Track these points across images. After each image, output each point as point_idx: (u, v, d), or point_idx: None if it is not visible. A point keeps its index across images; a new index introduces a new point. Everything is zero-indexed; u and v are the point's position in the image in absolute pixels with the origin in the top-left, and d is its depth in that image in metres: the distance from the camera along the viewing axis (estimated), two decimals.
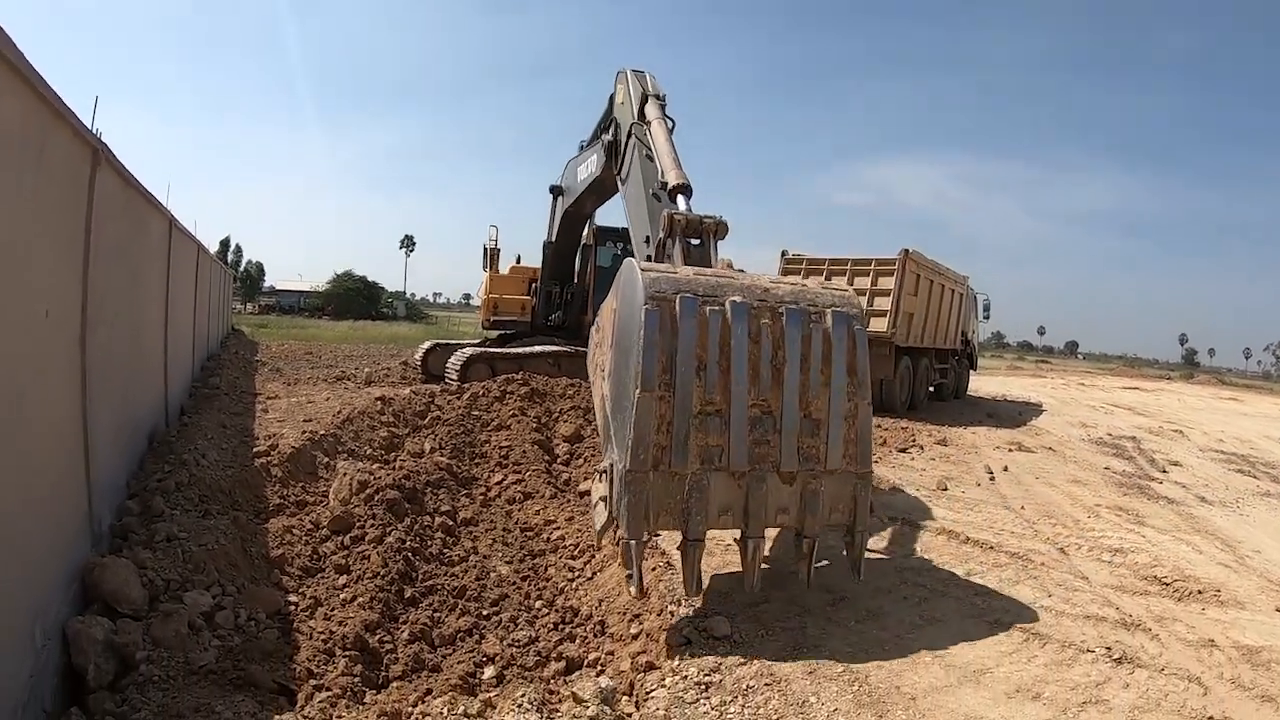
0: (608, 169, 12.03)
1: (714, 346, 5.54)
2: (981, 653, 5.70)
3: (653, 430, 5.38)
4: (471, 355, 18.20)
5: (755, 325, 5.68)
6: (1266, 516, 11.16)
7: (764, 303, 5.78)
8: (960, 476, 12.24)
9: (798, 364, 5.76)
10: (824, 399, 5.86)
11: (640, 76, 10.70)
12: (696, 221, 7.59)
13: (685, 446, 5.45)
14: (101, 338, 5.96)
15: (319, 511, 7.72)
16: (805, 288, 6.16)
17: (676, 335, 5.44)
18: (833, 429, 5.89)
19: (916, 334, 20.78)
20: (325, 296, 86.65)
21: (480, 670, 5.56)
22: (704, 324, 5.52)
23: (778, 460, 5.73)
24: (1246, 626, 6.58)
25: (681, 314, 5.47)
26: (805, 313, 5.84)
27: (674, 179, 8.47)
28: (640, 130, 9.76)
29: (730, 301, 5.64)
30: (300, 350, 29.39)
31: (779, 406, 5.74)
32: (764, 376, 5.68)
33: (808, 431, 5.83)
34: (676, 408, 5.43)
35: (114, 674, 4.35)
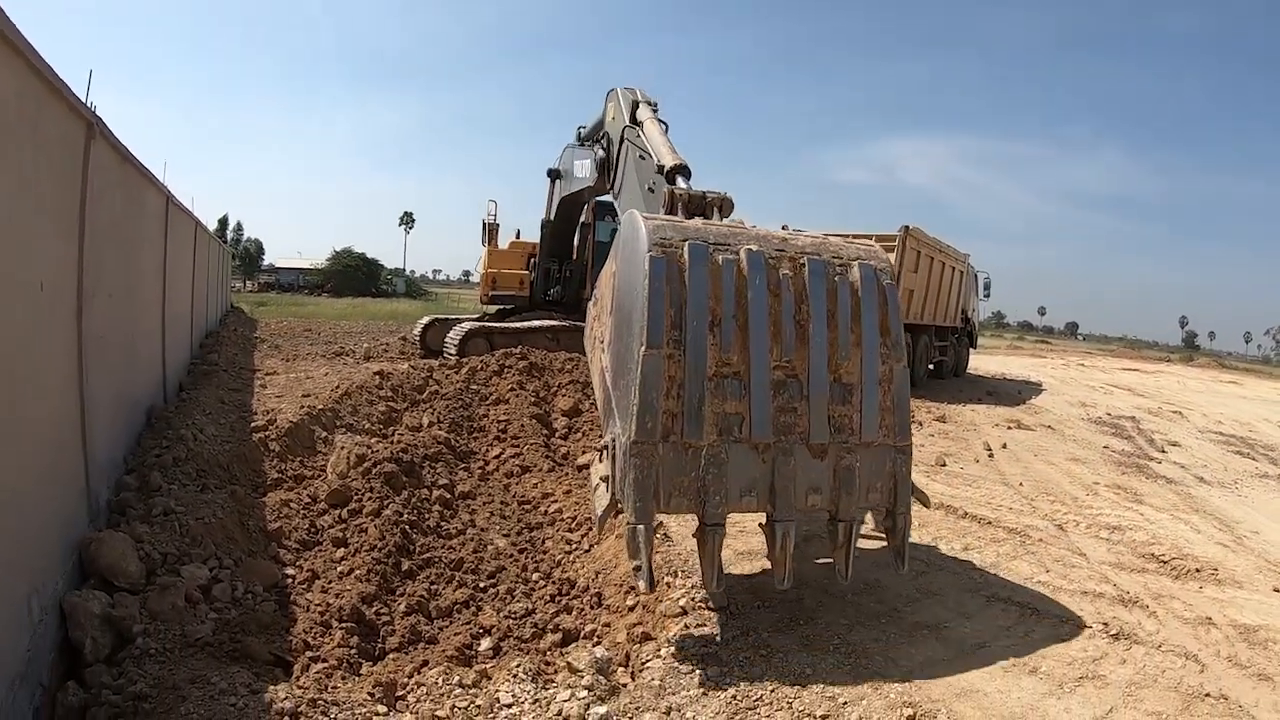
0: (600, 182, 12.14)
1: (729, 299, 4.95)
2: (978, 627, 5.74)
3: (661, 394, 4.77)
4: (470, 330, 18.20)
5: (775, 276, 5.09)
6: (1264, 498, 11.21)
7: (782, 253, 5.20)
8: (959, 453, 12.30)
9: (824, 320, 5.16)
10: (855, 360, 5.23)
11: (631, 90, 10.64)
12: (699, 197, 7.04)
13: (699, 414, 4.84)
14: (98, 312, 5.96)
15: (317, 485, 7.73)
16: (826, 239, 5.55)
17: (686, 286, 4.88)
18: (867, 394, 5.27)
19: (916, 311, 20.79)
20: (324, 274, 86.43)
21: (477, 642, 5.58)
22: (716, 273, 4.96)
23: (806, 431, 5.11)
24: (1244, 605, 6.62)
25: (691, 261, 4.91)
26: (829, 264, 5.25)
27: (671, 160, 8.32)
28: (633, 133, 9.75)
29: (745, 250, 5.09)
30: (299, 327, 29.37)
31: (805, 369, 5.12)
32: (787, 334, 5.08)
33: (838, 398, 5.21)
34: (689, 368, 4.82)
35: (111, 647, 4.36)
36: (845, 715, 4.42)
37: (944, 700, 4.65)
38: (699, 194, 7.06)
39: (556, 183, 16.53)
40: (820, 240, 5.54)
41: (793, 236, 5.53)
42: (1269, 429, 20.10)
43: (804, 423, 5.11)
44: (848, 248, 5.49)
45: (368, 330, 29.41)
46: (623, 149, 10.15)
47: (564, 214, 17.35)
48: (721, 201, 7.04)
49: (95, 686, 3.99)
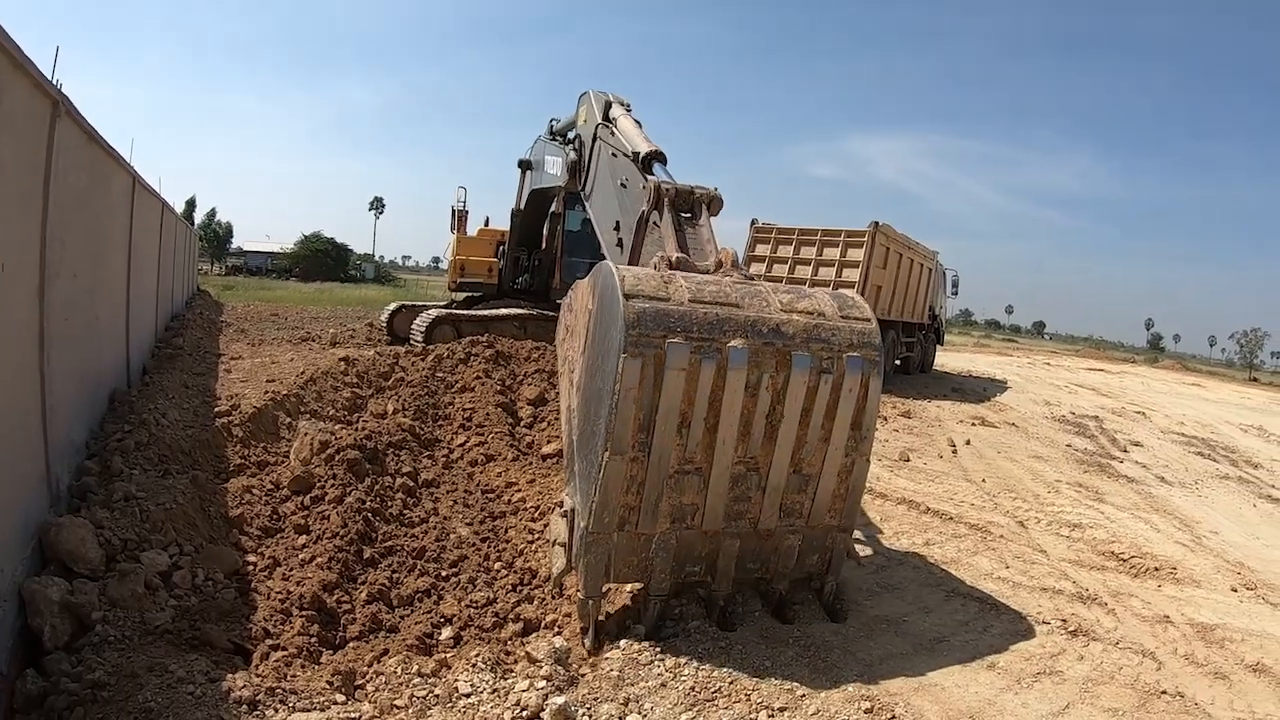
0: (571, 183, 12.00)
1: (702, 402, 4.83)
2: (938, 621, 5.80)
3: (621, 493, 4.80)
4: (437, 317, 18.11)
5: (755, 376, 4.91)
6: (1224, 499, 11.38)
7: (771, 345, 4.95)
8: (923, 448, 12.39)
9: (797, 419, 5.10)
10: (820, 454, 5.27)
11: (604, 93, 10.55)
12: (687, 192, 6.75)
13: (656, 509, 4.91)
14: (61, 292, 5.90)
15: (279, 471, 7.71)
16: (824, 318, 5.23)
17: (659, 388, 4.70)
18: (823, 484, 5.35)
19: (884, 307, 20.88)
20: (293, 258, 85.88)
21: (438, 631, 5.60)
22: (694, 376, 4.76)
23: (757, 518, 5.23)
24: (1201, 604, 6.74)
25: (670, 362, 4.66)
26: (818, 358, 5.06)
27: (645, 147, 7.98)
28: (605, 131, 9.60)
29: (731, 348, 4.81)
30: (266, 311, 29.13)
31: (768, 463, 5.13)
32: (755, 432, 5.03)
33: (795, 487, 5.28)
34: (651, 468, 4.80)
35: (70, 634, 4.34)
36: (803, 708, 4.46)
37: (902, 694, 4.71)
38: (686, 189, 6.79)
39: (527, 173, 16.45)
40: (817, 320, 5.22)
41: (789, 314, 5.16)
42: (1230, 431, 20.37)
43: (756, 510, 5.21)
44: (843, 330, 5.24)
45: (335, 316, 29.20)
46: (595, 147, 10.02)
47: (534, 204, 17.29)
48: (710, 199, 6.83)
49: (54, 674, 3.97)
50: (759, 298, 5.20)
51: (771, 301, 5.19)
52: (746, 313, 5.02)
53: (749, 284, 5.34)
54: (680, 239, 6.38)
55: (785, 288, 5.44)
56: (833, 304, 5.38)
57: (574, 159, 11.45)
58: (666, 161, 7.88)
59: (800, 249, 20.59)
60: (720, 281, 5.25)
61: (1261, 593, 7.21)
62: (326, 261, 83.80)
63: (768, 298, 5.22)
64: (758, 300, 5.17)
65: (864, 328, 5.32)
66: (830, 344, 5.14)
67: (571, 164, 11.61)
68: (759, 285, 5.38)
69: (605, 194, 9.01)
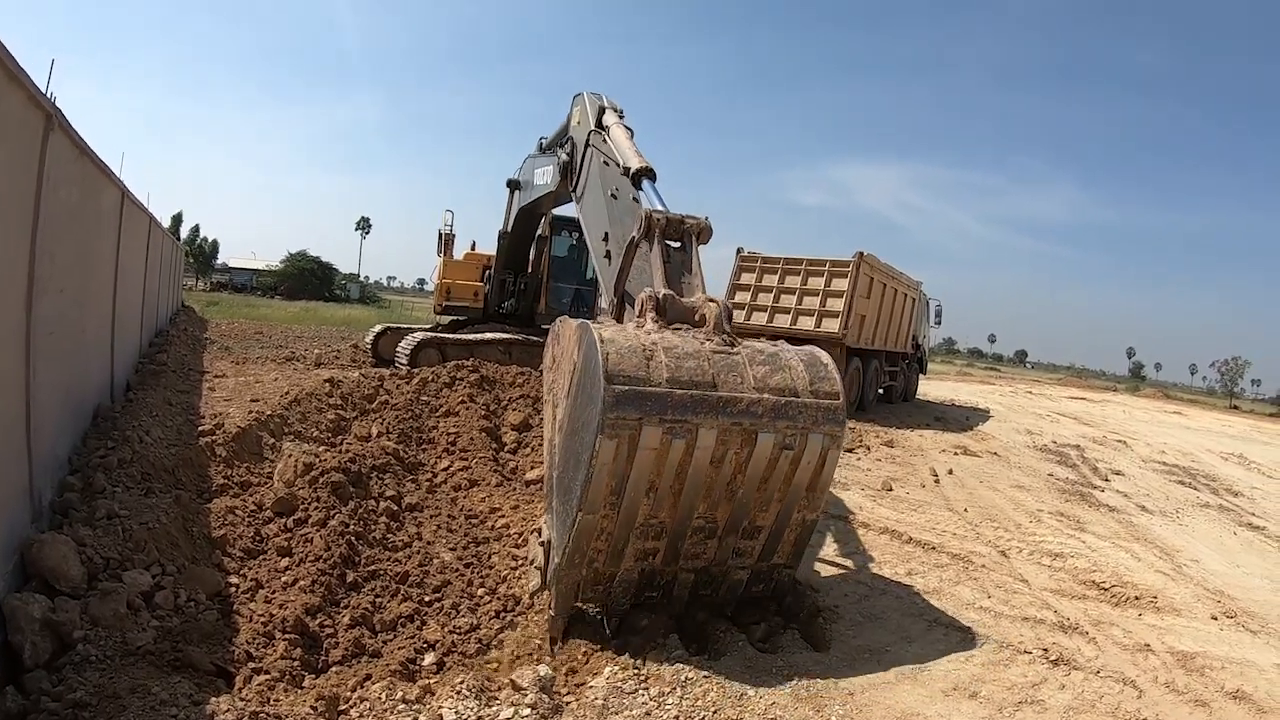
0: (562, 186, 11.97)
1: (670, 472, 5.14)
2: (920, 651, 5.80)
3: (591, 541, 5.19)
4: (422, 340, 18.07)
5: (722, 452, 5.21)
6: (1205, 527, 11.45)
7: (739, 424, 5.18)
8: (905, 478, 12.41)
9: (755, 486, 5.41)
10: (773, 511, 5.60)
11: (597, 95, 10.49)
12: (678, 221, 6.73)
13: (621, 553, 5.33)
14: (48, 306, 5.89)
15: (263, 493, 7.66)
16: (794, 395, 5.39)
17: (632, 462, 4.98)
18: (774, 535, 5.72)
19: (868, 336, 21.07)
20: (279, 276, 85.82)
21: (421, 657, 5.57)
22: (664, 453, 5.05)
23: (710, 559, 5.65)
24: (1182, 633, 6.77)
25: (642, 443, 4.94)
26: (783, 434, 5.30)
27: (636, 163, 8.04)
28: (598, 138, 9.61)
29: (703, 431, 5.07)
30: (250, 329, 29.08)
31: (724, 518, 5.49)
32: (716, 494, 5.37)
33: (746, 535, 5.65)
34: (619, 523, 5.18)
35: (51, 652, 4.32)
36: None
37: None
38: (677, 219, 6.76)
39: (515, 194, 16.46)
40: (788, 397, 5.38)
41: (760, 393, 5.30)
42: (1211, 459, 20.53)
43: (710, 553, 5.61)
44: (810, 408, 5.41)
45: (320, 336, 29.16)
46: (587, 153, 9.98)
47: (521, 225, 17.24)
48: (700, 229, 6.81)
49: (34, 693, 3.94)
50: (735, 372, 5.36)
51: (746, 377, 5.35)
52: (720, 392, 5.20)
53: (728, 355, 5.47)
54: (668, 271, 6.42)
55: (763, 356, 5.57)
56: (805, 376, 5.54)
57: (566, 160, 11.43)
58: (656, 178, 7.93)
59: (785, 278, 20.68)
60: (699, 353, 5.37)
61: (1242, 620, 7.26)
62: (312, 280, 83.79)
63: (743, 373, 5.38)
64: (733, 377, 5.33)
65: (830, 404, 5.50)
66: (796, 421, 5.35)
67: (564, 165, 11.58)
68: (737, 355, 5.50)
69: (595, 201, 8.98)
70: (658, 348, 5.25)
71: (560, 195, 12.85)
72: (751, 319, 20.70)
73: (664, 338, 5.41)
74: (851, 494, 10.64)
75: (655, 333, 5.49)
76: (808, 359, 5.67)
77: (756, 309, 20.79)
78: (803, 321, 19.99)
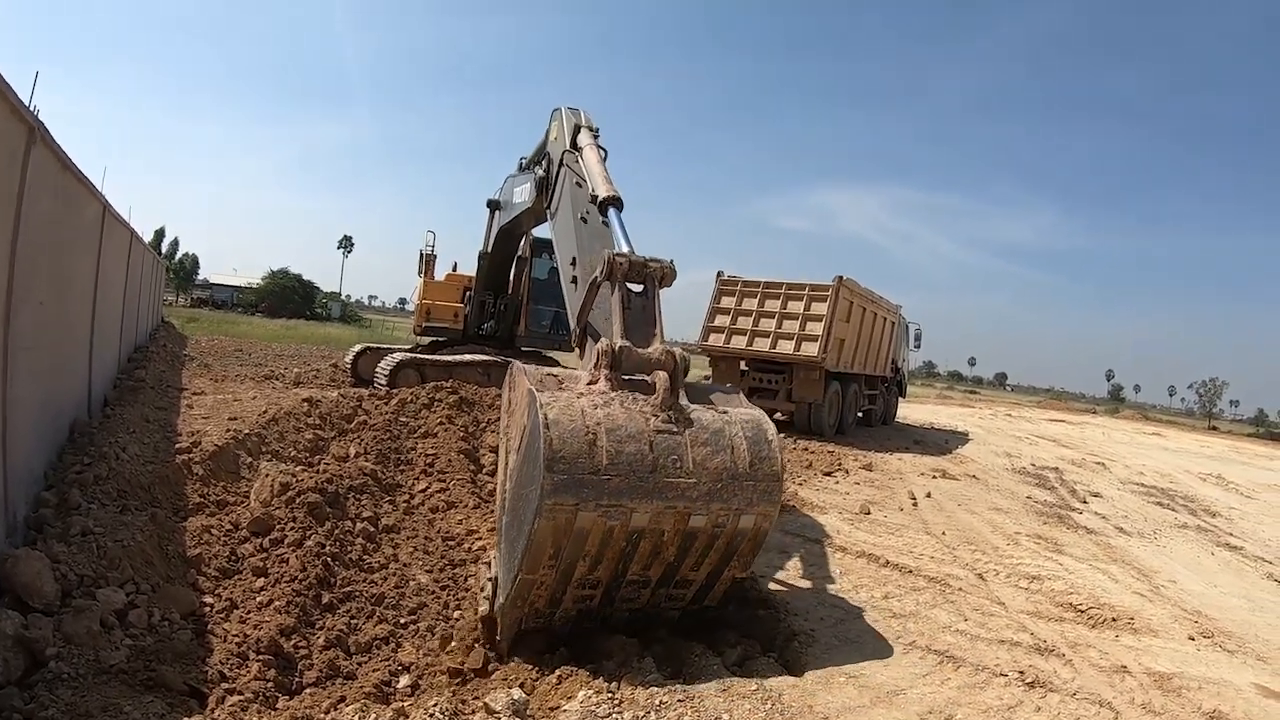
0: (539, 202, 11.98)
1: (605, 547, 5.34)
2: (896, 674, 5.80)
3: (532, 592, 5.40)
4: (401, 361, 18.09)
5: (656, 533, 5.40)
6: (1183, 548, 11.52)
7: (673, 508, 5.31)
8: (884, 501, 12.44)
9: (687, 555, 5.64)
10: (705, 571, 5.82)
11: (574, 112, 10.53)
12: (640, 265, 6.66)
13: (560, 603, 5.56)
14: (26, 319, 5.88)
15: (239, 512, 7.64)
16: (733, 478, 5.47)
17: (569, 536, 5.15)
18: (704, 587, 5.98)
19: (847, 360, 21.23)
20: (260, 293, 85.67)
21: (395, 679, 5.55)
22: (598, 532, 5.22)
23: (644, 605, 5.90)
24: (1159, 654, 6.80)
25: (578, 525, 5.11)
26: (716, 516, 5.45)
27: (604, 191, 8.12)
28: (571, 158, 9.62)
29: (636, 515, 5.23)
30: (230, 346, 29.00)
31: (658, 575, 5.71)
32: (649, 559, 5.58)
33: (680, 586, 5.89)
34: (558, 580, 5.39)
35: (23, 670, 4.29)
36: None
37: None
38: (640, 262, 6.70)
39: (495, 214, 16.48)
40: (725, 481, 5.47)
41: (701, 472, 5.41)
42: (1189, 480, 20.69)
43: (644, 600, 5.87)
44: (746, 490, 5.51)
45: (299, 354, 29.08)
46: (561, 171, 9.99)
47: (501, 246, 17.26)
48: (664, 272, 6.76)
49: (6, 710, 3.92)
50: (675, 454, 5.39)
51: (686, 460, 5.39)
52: (658, 477, 5.28)
53: (670, 435, 5.47)
54: (626, 319, 6.39)
55: (707, 434, 5.57)
56: (746, 457, 5.57)
57: (542, 175, 11.49)
58: (623, 208, 7.99)
59: (765, 302, 20.83)
60: (641, 435, 5.38)
61: (1219, 640, 7.31)
62: (293, 298, 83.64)
63: (684, 455, 5.41)
64: (673, 459, 5.37)
65: (767, 485, 5.58)
66: (730, 504, 5.46)
67: (540, 181, 11.66)
68: (680, 436, 5.49)
69: (566, 222, 8.94)
70: (601, 429, 5.28)
71: (538, 213, 12.81)
72: (731, 342, 20.82)
73: (609, 415, 5.40)
74: (829, 517, 10.66)
75: (602, 406, 5.45)
76: (753, 435, 5.69)
77: (736, 332, 20.88)
78: (782, 345, 20.12)
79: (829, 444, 18.87)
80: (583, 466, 5.09)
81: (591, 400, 5.46)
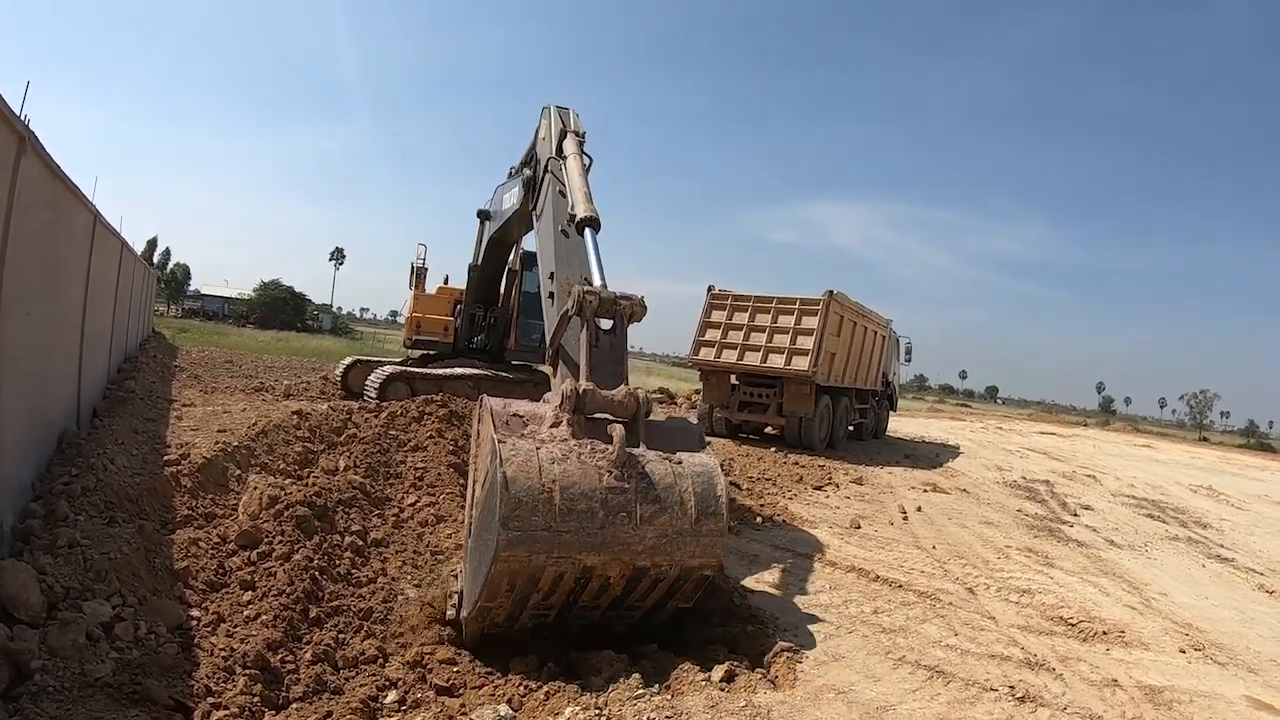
0: (525, 204, 12.00)
1: (556, 587, 5.73)
2: (885, 690, 5.81)
3: (492, 613, 5.82)
4: (391, 374, 18.07)
5: (602, 578, 5.78)
6: (1174, 560, 11.57)
7: (619, 559, 5.69)
8: (874, 515, 12.47)
9: (630, 594, 6.03)
10: (652, 601, 6.20)
11: (564, 113, 10.53)
12: (610, 301, 6.88)
13: (518, 620, 5.97)
14: (14, 329, 5.87)
15: (227, 525, 7.60)
16: (679, 534, 5.80)
17: (524, 577, 5.53)
18: (652, 612, 6.33)
19: (838, 374, 21.29)
20: (251, 304, 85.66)
21: (383, 694, 5.51)
22: (550, 574, 5.59)
23: (598, 620, 6.28)
24: (1150, 667, 6.82)
25: (530, 569, 5.49)
26: (660, 568, 5.86)
27: (582, 211, 8.20)
28: (557, 165, 9.62)
29: (583, 565, 5.60)
30: (221, 358, 28.96)
31: (607, 603, 6.08)
32: (598, 594, 5.96)
33: (629, 609, 6.24)
34: (515, 605, 5.78)
35: (8, 682, 4.25)
36: None
37: None
38: (610, 298, 6.87)
39: (485, 224, 16.46)
40: (672, 536, 5.77)
41: (648, 527, 5.68)
42: (1180, 492, 20.78)
43: (597, 617, 6.27)
44: (689, 545, 5.81)
45: (290, 366, 29.04)
46: (546, 178, 9.95)
47: (491, 256, 17.21)
48: (633, 309, 6.97)
49: None
50: (624, 510, 5.66)
51: (634, 513, 5.66)
52: (606, 532, 5.59)
53: (621, 491, 5.68)
54: (593, 358, 6.64)
55: (655, 491, 5.79)
56: (693, 513, 5.83)
57: (530, 176, 11.51)
58: (599, 229, 8.09)
59: (756, 316, 20.92)
60: (593, 493, 5.61)
61: (1210, 653, 7.34)
62: (285, 310, 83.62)
63: (632, 510, 5.67)
64: (621, 516, 5.64)
65: (710, 540, 5.88)
66: (674, 556, 5.81)
67: (527, 181, 11.69)
68: (628, 493, 5.71)
69: (547, 233, 8.93)
70: (556, 486, 5.51)
71: (525, 217, 12.67)
72: (722, 356, 20.87)
73: (565, 472, 5.60)
74: (820, 531, 10.67)
75: (560, 460, 5.65)
76: (702, 490, 5.91)
77: (727, 347, 20.95)
78: (773, 359, 20.18)
79: (819, 458, 18.92)
80: (536, 524, 5.39)
81: (550, 452, 5.68)
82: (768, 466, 16.28)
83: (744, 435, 22.05)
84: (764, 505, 11.81)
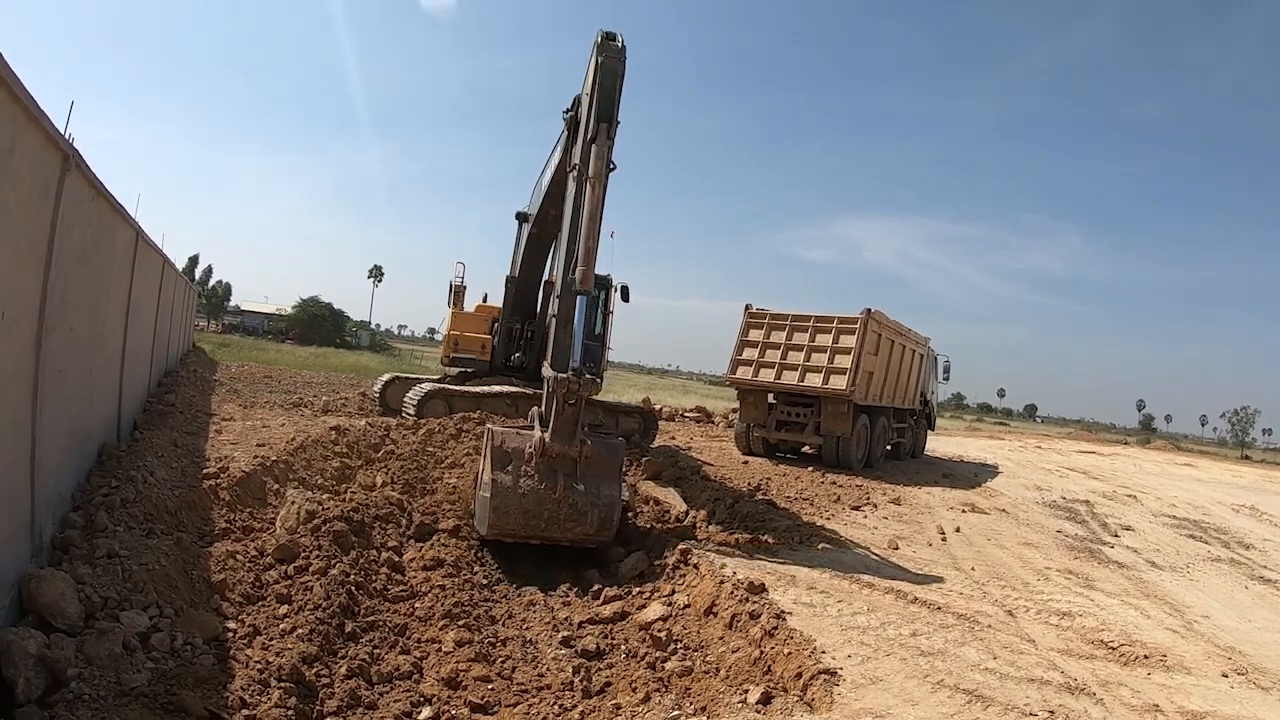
0: (569, 139, 11.63)
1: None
2: (923, 714, 5.70)
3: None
4: (429, 391, 18.09)
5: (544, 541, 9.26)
6: (1216, 582, 11.33)
7: (553, 538, 9.16)
8: (912, 536, 12.30)
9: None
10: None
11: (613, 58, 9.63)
12: (577, 389, 8.86)
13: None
14: (58, 344, 5.91)
15: (264, 539, 7.64)
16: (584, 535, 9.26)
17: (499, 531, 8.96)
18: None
19: (875, 393, 21.08)
20: (290, 320, 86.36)
21: (416, 711, 5.49)
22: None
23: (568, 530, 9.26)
24: (1192, 691, 6.66)
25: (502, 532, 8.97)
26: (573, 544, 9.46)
27: (580, 280, 9.34)
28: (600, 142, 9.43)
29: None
30: (260, 373, 29.21)
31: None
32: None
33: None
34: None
35: (44, 689, 4.27)
36: None
37: None
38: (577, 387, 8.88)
39: (523, 226, 16.43)
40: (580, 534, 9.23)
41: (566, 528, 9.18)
42: (1222, 511, 20.39)
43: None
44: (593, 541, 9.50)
45: (328, 382, 29.21)
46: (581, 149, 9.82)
47: (530, 261, 17.15)
48: (593, 392, 9.35)
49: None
50: (556, 519, 9.03)
51: (560, 521, 9.06)
52: (545, 528, 9.04)
53: (558, 510, 8.98)
54: (558, 425, 9.00)
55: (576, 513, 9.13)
56: (595, 525, 9.22)
57: (572, 116, 11.43)
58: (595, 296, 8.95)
59: (793, 335, 20.73)
60: (541, 510, 8.94)
61: (1253, 677, 7.14)
62: (324, 326, 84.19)
63: (561, 521, 9.04)
64: (554, 522, 9.03)
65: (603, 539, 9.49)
66: (581, 541, 9.44)
67: (570, 121, 11.58)
68: (563, 511, 9.01)
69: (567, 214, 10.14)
70: (521, 505, 8.86)
71: (560, 180, 12.33)
72: (759, 375, 20.71)
73: (524, 497, 8.88)
74: (857, 552, 10.55)
75: (529, 492, 8.88)
76: (603, 516, 9.21)
77: (764, 365, 20.79)
78: (810, 378, 20.00)
79: (857, 477, 18.71)
80: (505, 526, 8.92)
81: (524, 482, 8.88)
82: (805, 486, 16.15)
83: (781, 454, 21.88)
84: (800, 526, 11.70)
